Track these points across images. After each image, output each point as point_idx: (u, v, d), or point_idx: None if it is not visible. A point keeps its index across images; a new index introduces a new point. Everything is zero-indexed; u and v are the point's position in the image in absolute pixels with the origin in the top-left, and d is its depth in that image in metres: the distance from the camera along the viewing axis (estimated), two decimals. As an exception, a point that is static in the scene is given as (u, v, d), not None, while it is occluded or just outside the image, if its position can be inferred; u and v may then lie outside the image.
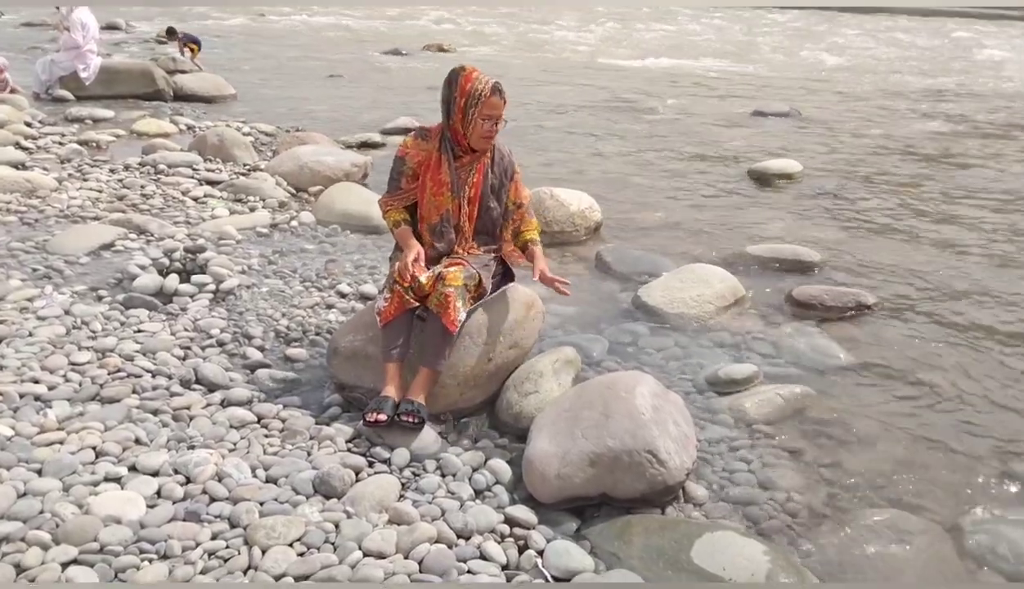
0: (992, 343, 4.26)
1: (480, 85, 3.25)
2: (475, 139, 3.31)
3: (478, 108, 3.24)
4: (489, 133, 3.30)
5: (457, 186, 3.36)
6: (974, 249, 5.76)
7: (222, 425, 3.10)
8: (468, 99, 3.25)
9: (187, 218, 5.59)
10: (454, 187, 3.36)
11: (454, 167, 3.36)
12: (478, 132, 3.28)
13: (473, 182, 3.39)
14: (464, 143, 3.34)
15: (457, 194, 3.37)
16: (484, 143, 3.34)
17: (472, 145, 3.34)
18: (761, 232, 6.04)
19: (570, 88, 13.55)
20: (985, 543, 2.70)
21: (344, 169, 6.85)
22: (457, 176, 3.36)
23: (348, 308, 4.30)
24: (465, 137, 3.32)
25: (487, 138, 3.32)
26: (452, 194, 3.36)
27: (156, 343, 3.68)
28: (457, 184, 3.36)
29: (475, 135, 3.30)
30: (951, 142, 9.57)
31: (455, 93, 3.29)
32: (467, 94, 3.25)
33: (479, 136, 3.30)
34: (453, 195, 3.36)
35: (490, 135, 3.32)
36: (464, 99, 3.26)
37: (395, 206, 3.47)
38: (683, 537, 2.62)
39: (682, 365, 3.95)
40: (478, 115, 3.24)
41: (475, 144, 3.33)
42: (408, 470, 2.94)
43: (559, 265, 5.29)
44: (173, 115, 9.43)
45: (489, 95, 3.25)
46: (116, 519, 2.46)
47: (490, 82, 3.28)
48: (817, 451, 3.28)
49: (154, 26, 20.05)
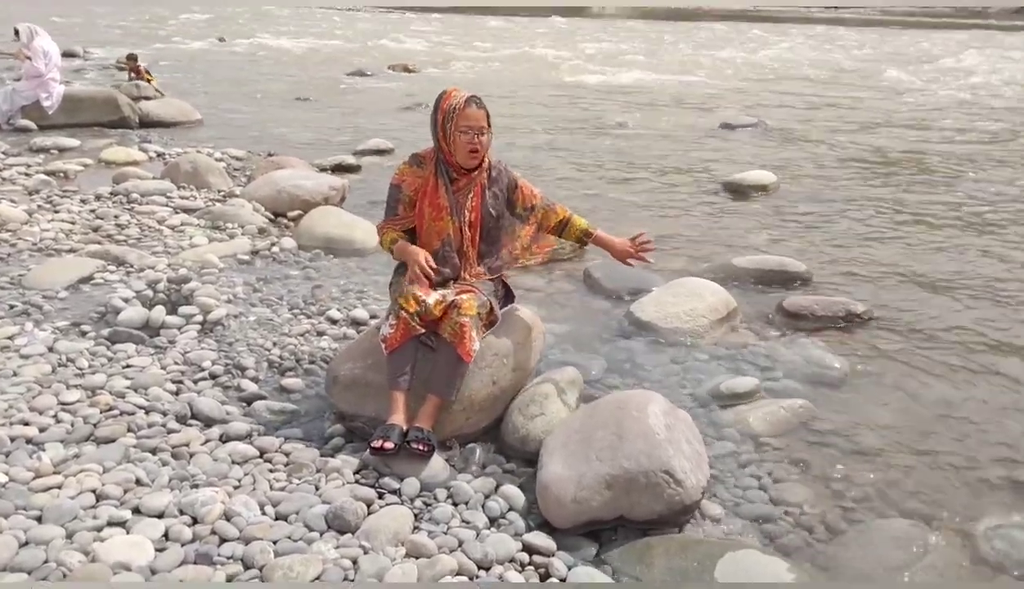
0: (983, 347, 4.32)
1: (455, 100, 3.22)
2: (461, 156, 3.24)
3: (455, 122, 3.19)
4: (472, 146, 3.21)
5: (456, 209, 3.32)
6: (955, 253, 5.86)
7: (224, 461, 3.01)
8: (445, 116, 3.22)
9: (166, 248, 5.47)
10: (453, 210, 3.32)
11: (451, 190, 3.32)
12: (460, 148, 3.22)
13: (472, 205, 3.35)
14: (455, 164, 3.30)
15: (456, 217, 3.32)
16: (470, 159, 3.26)
17: (460, 162, 3.27)
18: (744, 244, 6.09)
19: (534, 106, 13.60)
20: (1002, 549, 2.71)
21: (323, 193, 6.77)
22: (456, 200, 3.32)
23: (340, 334, 4.23)
24: (453, 156, 3.27)
25: (472, 152, 3.23)
26: (452, 217, 3.32)
27: (147, 378, 3.57)
28: (456, 207, 3.32)
29: (459, 152, 3.23)
30: (916, 147, 9.77)
31: (438, 115, 3.26)
32: (444, 112, 3.23)
33: (463, 152, 3.23)
34: (453, 218, 3.32)
35: (474, 149, 3.23)
36: (442, 117, 3.23)
37: (390, 227, 3.41)
38: (705, 557, 2.59)
39: (681, 380, 3.94)
40: (456, 129, 3.20)
41: (462, 161, 3.26)
42: (419, 500, 2.87)
43: (547, 282, 5.28)
44: (141, 143, 9.28)
45: (463, 107, 3.20)
46: (125, 566, 2.36)
47: (465, 95, 3.24)
48: (824, 463, 3.28)
49: (111, 53, 19.74)
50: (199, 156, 7.63)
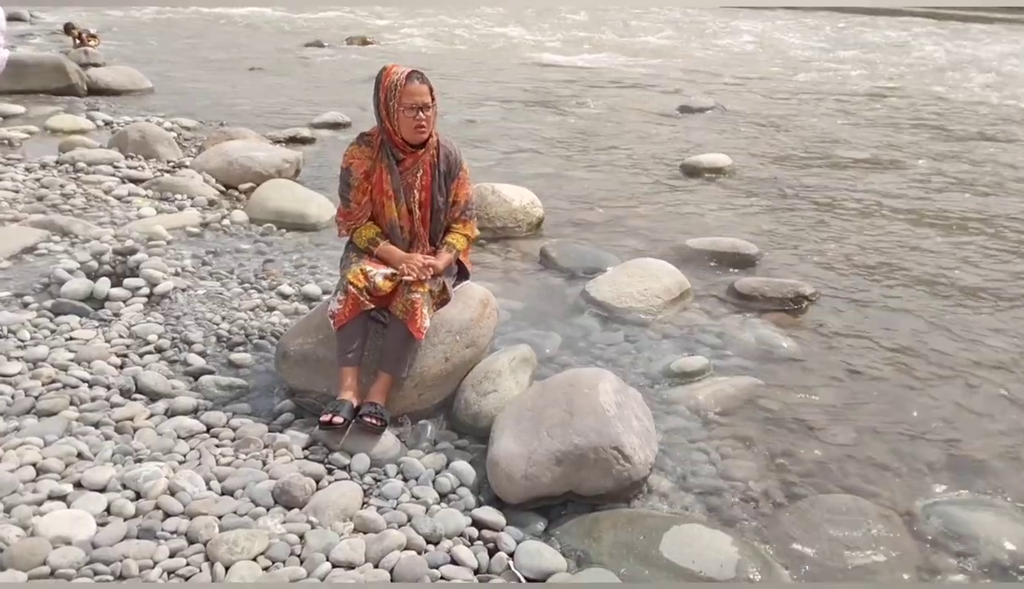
0: (926, 329, 4.43)
1: (395, 76, 3.14)
2: (406, 132, 3.16)
3: (397, 98, 3.11)
4: (417, 122, 3.13)
5: (402, 193, 3.25)
6: (903, 237, 5.98)
7: (169, 436, 2.97)
8: (387, 93, 3.14)
9: (112, 219, 5.34)
10: (399, 195, 3.25)
11: (397, 173, 3.24)
12: (405, 125, 3.13)
13: (422, 185, 3.28)
14: (400, 142, 3.22)
15: (403, 201, 3.26)
16: (416, 135, 3.17)
17: (405, 139, 3.19)
18: (698, 225, 6.14)
19: (496, 84, 13.52)
20: (938, 526, 2.80)
21: (276, 165, 6.66)
22: (403, 181, 3.25)
23: (291, 310, 4.18)
24: (397, 133, 3.20)
25: (418, 128, 3.15)
26: (398, 202, 3.25)
27: (91, 351, 3.49)
28: (403, 191, 3.25)
29: (404, 128, 3.15)
30: (871, 135, 9.93)
31: (379, 93, 3.18)
32: (386, 89, 3.15)
33: (408, 129, 3.14)
34: (399, 203, 3.25)
35: (420, 124, 3.14)
36: (384, 94, 3.15)
37: (361, 222, 3.30)
38: (651, 531, 2.63)
39: (634, 359, 3.97)
40: (399, 106, 3.11)
41: (407, 137, 3.17)
42: (369, 476, 2.87)
43: (503, 261, 5.27)
44: (89, 111, 9.01)
45: (405, 82, 3.11)
46: (65, 540, 2.32)
47: (406, 70, 3.16)
48: (770, 440, 3.35)
49: (60, 17, 19.11)
50: (148, 125, 7.44)
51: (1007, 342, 4.28)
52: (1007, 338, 4.33)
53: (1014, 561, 2.65)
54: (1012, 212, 6.70)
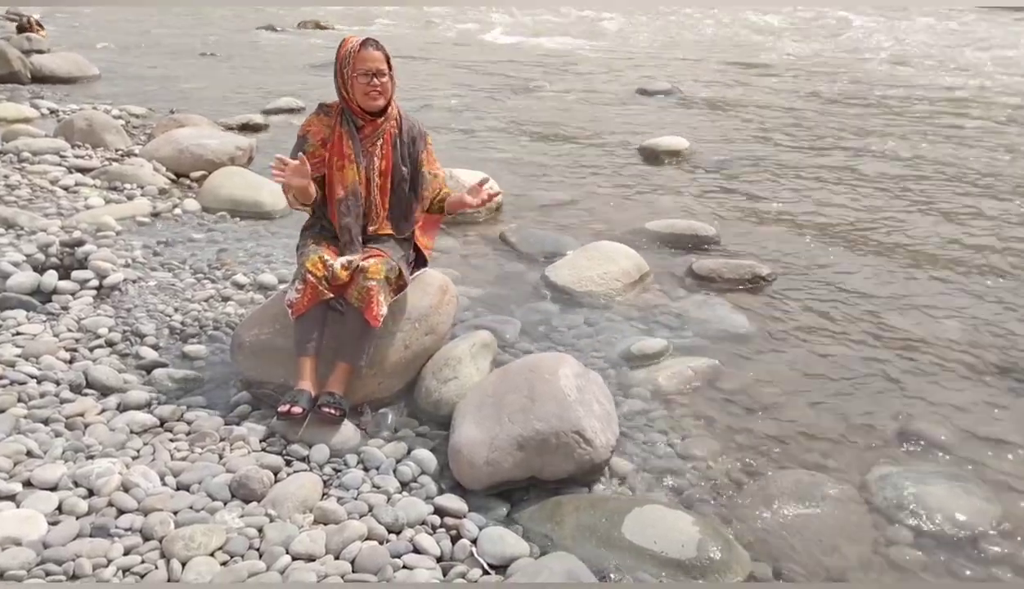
0: (881, 308, 4.50)
1: (351, 45, 3.17)
2: (360, 98, 3.17)
3: (352, 65, 3.13)
4: (372, 88, 3.14)
5: (361, 156, 3.24)
6: (859, 216, 6.07)
7: (121, 431, 2.90)
8: (343, 61, 3.16)
9: (59, 209, 5.19)
10: (357, 157, 3.23)
11: (357, 139, 3.24)
12: (360, 90, 3.15)
13: (383, 154, 3.28)
14: (360, 111, 3.21)
15: (362, 164, 3.24)
16: (370, 101, 3.17)
17: (360, 106, 3.19)
18: (657, 208, 6.17)
19: (453, 68, 13.42)
20: (892, 498, 2.85)
21: (228, 152, 6.54)
22: (362, 147, 3.24)
23: (247, 299, 4.11)
24: (353, 101, 3.19)
25: (372, 94, 3.15)
26: (357, 164, 3.23)
27: (38, 346, 3.40)
28: (361, 154, 3.24)
29: (358, 94, 3.16)
30: (829, 112, 10.05)
31: (337, 63, 3.20)
32: (342, 58, 3.17)
33: (362, 94, 3.15)
34: (358, 165, 3.23)
35: (375, 89, 3.15)
36: (340, 63, 3.18)
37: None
38: (613, 514, 2.64)
39: (594, 342, 3.98)
40: (353, 72, 3.13)
41: (362, 104, 3.18)
42: (329, 466, 2.84)
43: (462, 245, 5.24)
44: (33, 98, 8.75)
45: (359, 49, 3.14)
46: (15, 540, 2.26)
47: (361, 39, 3.19)
48: (729, 419, 3.38)
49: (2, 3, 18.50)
50: (95, 113, 7.25)
51: (962, 318, 4.36)
52: (962, 314, 4.41)
53: (964, 530, 2.71)
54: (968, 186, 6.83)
